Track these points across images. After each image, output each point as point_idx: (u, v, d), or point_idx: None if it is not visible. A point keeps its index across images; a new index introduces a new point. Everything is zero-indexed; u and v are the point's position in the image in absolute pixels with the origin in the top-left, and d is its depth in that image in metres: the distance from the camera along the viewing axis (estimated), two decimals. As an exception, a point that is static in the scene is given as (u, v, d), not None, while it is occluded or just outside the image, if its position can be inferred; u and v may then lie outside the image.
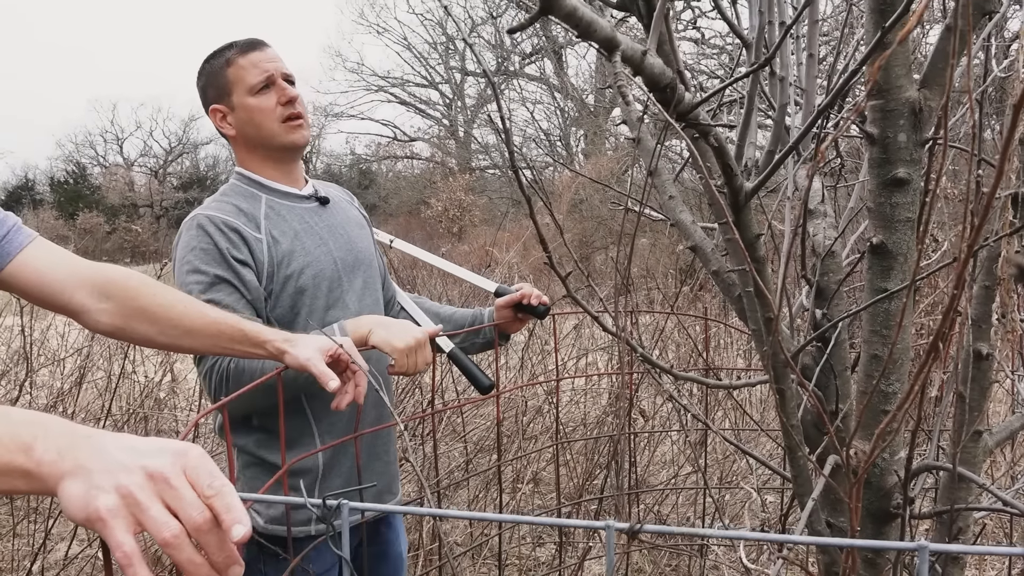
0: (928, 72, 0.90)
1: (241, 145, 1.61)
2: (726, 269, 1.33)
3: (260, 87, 1.55)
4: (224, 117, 1.59)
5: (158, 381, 4.43)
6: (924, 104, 0.89)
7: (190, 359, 4.88)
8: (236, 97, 1.56)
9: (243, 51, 1.57)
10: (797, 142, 0.82)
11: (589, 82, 25.40)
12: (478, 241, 13.39)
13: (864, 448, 1.01)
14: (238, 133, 1.59)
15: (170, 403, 4.61)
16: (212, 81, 1.59)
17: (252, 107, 1.55)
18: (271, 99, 1.55)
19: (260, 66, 1.55)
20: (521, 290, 1.78)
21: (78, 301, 1.22)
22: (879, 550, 1.04)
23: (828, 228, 1.28)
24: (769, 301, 0.94)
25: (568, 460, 3.42)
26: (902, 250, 0.95)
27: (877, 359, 0.98)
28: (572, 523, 0.58)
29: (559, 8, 0.57)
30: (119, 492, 0.62)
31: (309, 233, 1.57)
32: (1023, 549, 0.46)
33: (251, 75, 1.55)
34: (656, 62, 0.71)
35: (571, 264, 1.14)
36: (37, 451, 0.65)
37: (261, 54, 1.57)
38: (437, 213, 16.87)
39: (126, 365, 4.28)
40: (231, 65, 1.56)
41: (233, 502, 0.62)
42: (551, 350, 4.26)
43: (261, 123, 1.55)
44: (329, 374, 1.26)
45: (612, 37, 0.65)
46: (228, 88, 1.57)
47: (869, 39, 0.89)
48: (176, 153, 33.28)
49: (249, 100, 1.55)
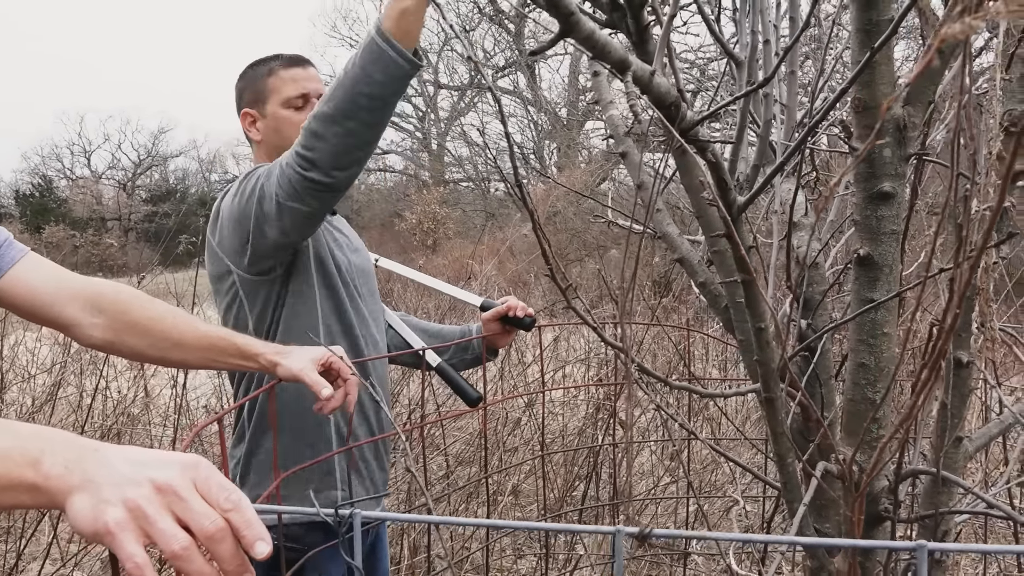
0: (912, 89, 0.93)
1: (264, 151, 1.64)
2: (713, 281, 1.36)
3: (294, 102, 1.59)
4: (254, 122, 1.63)
5: (132, 397, 4.38)
6: (908, 120, 0.93)
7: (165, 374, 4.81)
8: (270, 106, 1.60)
9: (287, 64, 1.62)
10: (787, 158, 0.84)
11: (562, 96, 25.58)
12: (453, 254, 13.39)
13: (850, 455, 1.03)
14: (264, 139, 1.63)
15: (144, 419, 4.56)
16: (251, 86, 1.63)
17: (282, 118, 1.59)
18: (303, 115, 1.58)
19: (299, 82, 1.60)
20: (507, 303, 1.80)
21: (69, 315, 1.22)
22: (868, 554, 1.07)
23: (812, 240, 1.31)
24: (762, 311, 0.97)
25: (548, 472, 3.43)
26: (887, 261, 0.98)
27: (864, 367, 1.01)
28: (582, 528, 0.59)
29: (578, 31, 0.59)
30: (127, 505, 0.62)
31: (326, 231, 1.61)
32: (1013, 548, 0.48)
33: (289, 88, 1.59)
34: (663, 82, 0.74)
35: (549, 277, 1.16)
36: (45, 465, 0.65)
37: (303, 71, 1.62)
38: (411, 226, 16.85)
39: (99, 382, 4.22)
40: (272, 75, 1.61)
41: (253, 517, 0.63)
42: (529, 362, 4.28)
43: (288, 135, 1.57)
44: (322, 382, 1.26)
45: (624, 59, 0.67)
46: (264, 96, 1.61)
47: (855, 58, 0.92)
48: (145, 166, 32.91)
49: (281, 111, 1.60)
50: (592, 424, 3.37)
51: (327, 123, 1.29)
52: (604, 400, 3.38)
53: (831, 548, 1.14)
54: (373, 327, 1.64)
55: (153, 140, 33.34)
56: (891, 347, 1.01)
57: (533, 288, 8.63)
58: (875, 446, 1.02)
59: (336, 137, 1.29)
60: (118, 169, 32.75)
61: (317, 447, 1.51)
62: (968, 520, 1.57)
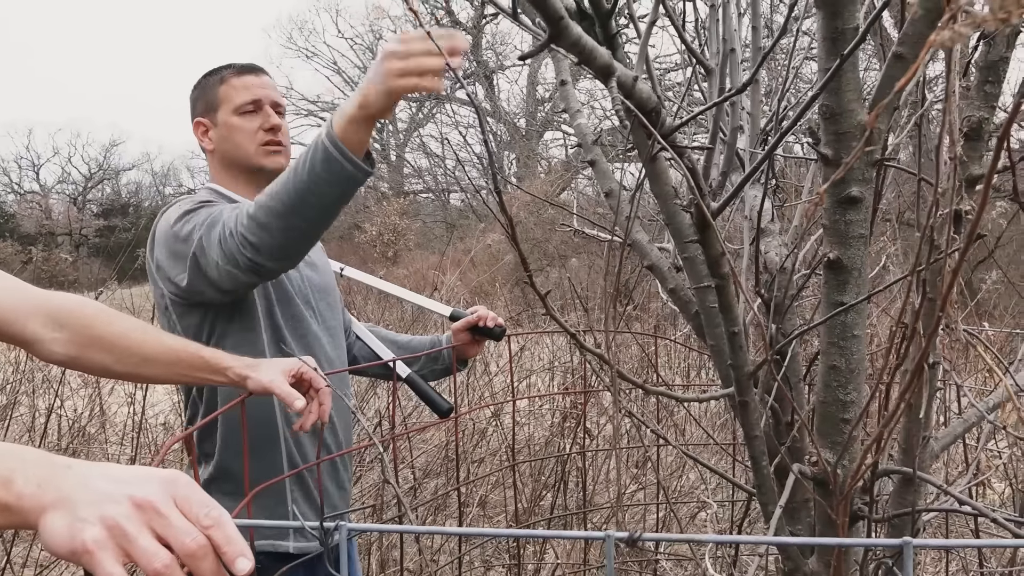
0: (876, 96, 0.95)
1: (217, 161, 1.61)
2: (683, 287, 1.37)
3: (246, 108, 1.57)
4: (206, 131, 1.60)
5: (87, 416, 4.27)
6: (874, 127, 0.95)
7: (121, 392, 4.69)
8: (221, 114, 1.58)
9: (238, 72, 1.60)
10: (760, 164, 0.86)
11: (520, 106, 25.70)
12: (413, 265, 13.33)
13: (827, 457, 1.05)
14: (216, 148, 1.60)
15: (100, 438, 4.45)
16: (203, 95, 1.61)
17: (234, 126, 1.57)
18: (255, 122, 1.57)
19: (251, 89, 1.58)
20: (476, 313, 1.79)
21: (30, 331, 1.18)
22: (843, 553, 1.08)
23: (779, 246, 1.33)
24: (735, 315, 0.98)
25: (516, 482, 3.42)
26: (856, 265, 1.00)
27: (835, 369, 1.03)
28: (573, 535, 0.60)
29: (565, 37, 0.60)
30: (105, 523, 0.60)
31: None
32: (1006, 541, 0.49)
33: (240, 95, 1.57)
34: (645, 87, 0.74)
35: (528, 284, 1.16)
36: (17, 484, 0.63)
37: (255, 78, 1.60)
38: (371, 238, 16.74)
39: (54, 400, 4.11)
40: (224, 83, 1.59)
41: (234, 533, 0.61)
42: (495, 372, 4.27)
43: (240, 143, 1.56)
44: (294, 394, 1.25)
45: (609, 64, 0.67)
46: (216, 104, 1.58)
47: (822, 65, 0.94)
48: (96, 179, 32.16)
49: (233, 119, 1.57)
50: (559, 433, 3.37)
51: (272, 216, 1.27)
52: (571, 409, 3.38)
53: (805, 549, 1.15)
54: (328, 345, 1.59)
55: (104, 153, 32.61)
56: (861, 349, 1.03)
57: (496, 299, 8.63)
58: (848, 447, 1.03)
59: (280, 232, 1.28)
60: (68, 183, 32.01)
61: (271, 466, 1.48)
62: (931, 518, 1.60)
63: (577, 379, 3.96)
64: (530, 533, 0.60)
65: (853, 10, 0.92)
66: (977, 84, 1.15)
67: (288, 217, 1.26)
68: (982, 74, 1.14)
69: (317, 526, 0.62)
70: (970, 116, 1.14)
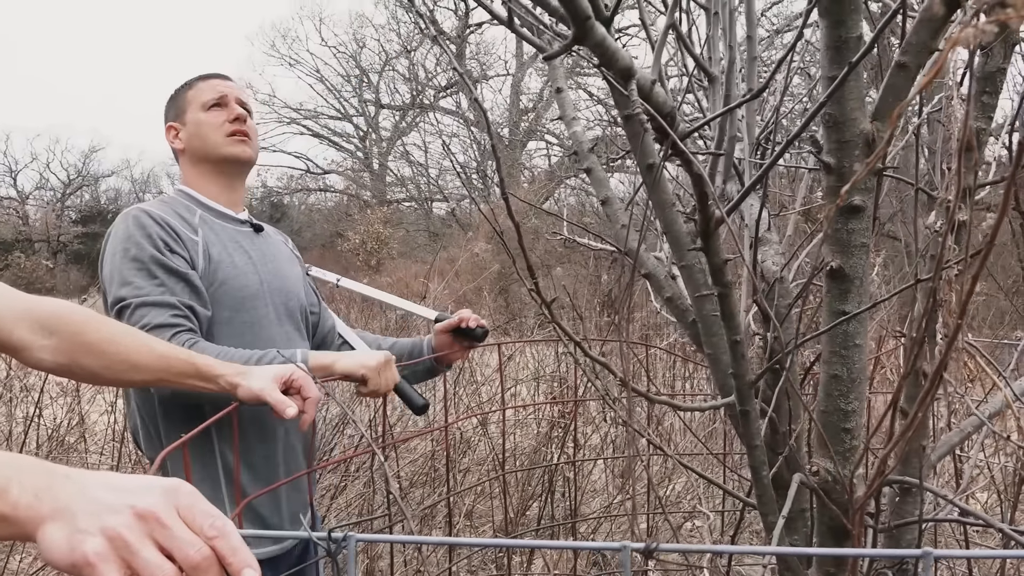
0: (879, 105, 0.95)
1: (188, 160, 1.66)
2: (680, 296, 1.37)
3: (212, 104, 1.63)
4: (177, 134, 1.67)
5: (67, 425, 4.20)
6: (877, 135, 0.95)
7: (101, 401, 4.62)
8: (190, 114, 1.65)
9: (205, 78, 1.69)
10: (764, 173, 0.85)
11: (504, 116, 25.74)
12: (396, 273, 13.28)
13: (826, 466, 1.04)
14: (186, 147, 1.65)
15: (79, 448, 4.38)
16: (172, 103, 1.70)
17: (201, 121, 1.63)
18: (221, 116, 1.63)
19: (216, 88, 1.66)
20: (459, 315, 1.82)
21: (18, 337, 1.16)
22: (840, 565, 1.08)
23: (776, 255, 1.33)
24: (738, 324, 0.97)
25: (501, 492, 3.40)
26: (858, 273, 0.99)
27: (837, 379, 1.03)
28: (587, 545, 0.58)
29: (591, 37, 0.59)
30: (106, 534, 0.58)
31: (239, 250, 1.59)
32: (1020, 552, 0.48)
33: (205, 94, 1.65)
34: (661, 91, 0.74)
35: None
36: (13, 494, 0.61)
37: (220, 81, 1.68)
38: (354, 246, 16.67)
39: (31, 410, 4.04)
40: (191, 88, 1.68)
41: (239, 544, 0.60)
42: (482, 381, 4.25)
43: (207, 135, 1.62)
44: (286, 402, 1.23)
45: (630, 67, 0.67)
46: (185, 107, 1.66)
47: (826, 74, 0.94)
48: (75, 186, 31.81)
49: (200, 115, 1.64)
50: (547, 442, 3.36)
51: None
52: (558, 419, 3.37)
53: (803, 559, 1.15)
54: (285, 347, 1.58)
55: (84, 159, 32.32)
56: (862, 358, 1.03)
57: (480, 308, 8.61)
58: (849, 457, 1.03)
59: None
60: (46, 189, 31.62)
61: (211, 472, 1.47)
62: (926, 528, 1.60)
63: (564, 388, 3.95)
64: (546, 544, 0.59)
65: (857, 19, 0.92)
66: (975, 95, 1.15)
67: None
68: (979, 84, 1.14)
69: (325, 536, 0.61)
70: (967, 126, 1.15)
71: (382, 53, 28.59)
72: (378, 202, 24.01)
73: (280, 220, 27.53)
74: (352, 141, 30.21)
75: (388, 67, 28.48)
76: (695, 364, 4.54)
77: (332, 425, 3.62)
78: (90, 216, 29.31)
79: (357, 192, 28.86)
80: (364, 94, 29.55)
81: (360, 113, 29.69)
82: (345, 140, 30.16)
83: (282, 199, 30.33)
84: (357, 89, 29.49)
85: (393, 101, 29.28)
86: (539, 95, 25.33)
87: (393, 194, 28.34)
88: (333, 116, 29.75)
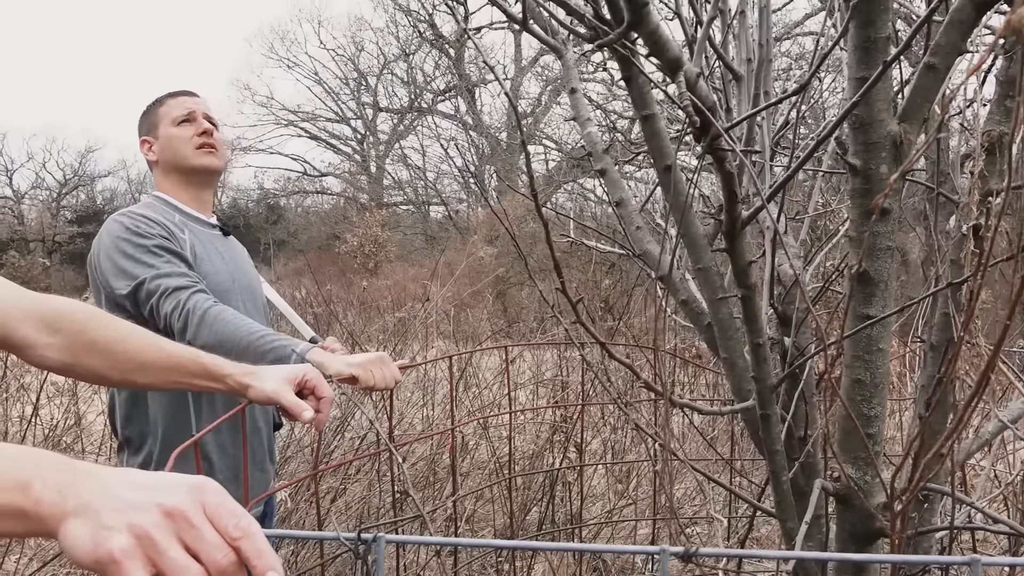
0: (907, 107, 0.94)
1: (160, 170, 1.82)
2: (696, 299, 1.35)
3: (181, 119, 1.79)
4: (151, 147, 1.82)
5: (64, 425, 4.17)
6: (904, 137, 0.94)
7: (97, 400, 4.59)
8: (161, 128, 1.80)
9: (174, 95, 1.85)
10: (791, 175, 0.84)
11: (502, 120, 25.75)
12: (394, 276, 13.26)
13: (847, 472, 1.03)
14: (159, 158, 1.81)
15: (76, 448, 4.34)
16: (145, 119, 1.85)
17: (172, 135, 1.79)
18: (189, 130, 1.79)
19: (185, 104, 1.81)
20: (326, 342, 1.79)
21: (22, 335, 1.13)
22: (860, 572, 1.06)
23: (793, 258, 1.32)
24: (760, 327, 0.96)
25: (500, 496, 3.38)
26: (883, 277, 0.98)
27: (860, 383, 1.01)
28: (625, 549, 0.57)
29: (646, 25, 0.57)
30: (133, 532, 0.56)
31: (214, 251, 1.76)
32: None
33: (175, 110, 1.80)
34: (704, 84, 0.72)
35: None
36: (35, 489, 0.59)
37: (188, 98, 1.84)
38: (352, 248, 16.63)
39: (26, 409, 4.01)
40: (162, 105, 1.83)
41: (264, 546, 0.58)
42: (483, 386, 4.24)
43: (177, 148, 1.77)
44: (302, 405, 1.21)
45: (679, 57, 0.66)
46: (156, 122, 1.81)
47: (853, 74, 0.93)
48: (71, 186, 31.68)
49: (171, 129, 1.79)
50: (549, 446, 3.34)
51: (208, 336, 1.50)
52: (560, 422, 3.35)
53: (820, 565, 1.13)
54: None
55: (80, 159, 32.17)
56: (886, 363, 1.01)
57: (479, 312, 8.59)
58: (871, 462, 1.01)
59: (202, 342, 1.47)
60: (42, 189, 31.50)
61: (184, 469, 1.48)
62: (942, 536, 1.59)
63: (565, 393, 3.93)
64: (581, 547, 0.57)
65: (886, 19, 0.91)
66: (998, 99, 1.14)
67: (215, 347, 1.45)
68: (1003, 88, 1.13)
69: (354, 538, 0.59)
70: (990, 131, 1.14)
71: (380, 56, 28.58)
72: (376, 205, 23.99)
73: (277, 222, 27.50)
74: (350, 144, 30.20)
75: (386, 70, 28.47)
76: (697, 368, 4.53)
77: (331, 428, 3.60)
78: (86, 216, 29.21)
79: (354, 195, 28.82)
80: (362, 97, 29.55)
81: (358, 116, 29.68)
82: (343, 143, 30.15)
83: (279, 201, 30.30)
84: (355, 92, 29.49)
85: (391, 104, 29.28)
86: (537, 100, 25.35)
87: (390, 197, 28.32)
88: (331, 118, 29.75)
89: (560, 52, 1.44)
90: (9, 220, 28.75)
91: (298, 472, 3.55)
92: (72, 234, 27.68)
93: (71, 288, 17.94)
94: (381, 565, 0.59)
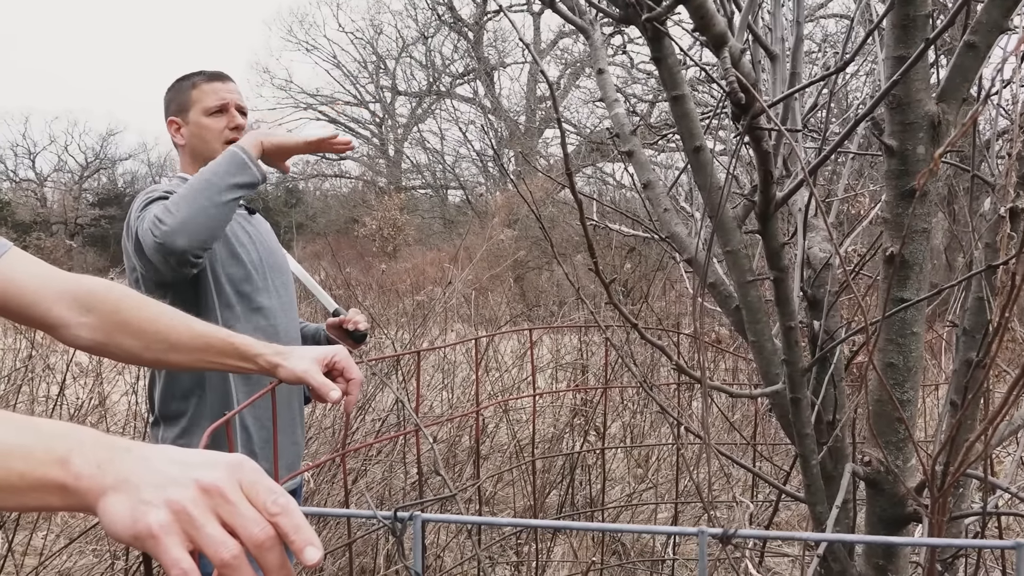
0: (946, 86, 0.92)
1: (187, 155, 1.85)
2: (724, 282, 1.34)
3: (214, 110, 1.81)
4: (179, 129, 1.85)
5: (89, 405, 4.23)
6: (942, 117, 0.92)
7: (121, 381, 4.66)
8: (192, 114, 1.82)
9: (209, 79, 1.85)
10: (827, 156, 0.83)
11: (521, 104, 25.65)
12: (413, 259, 13.29)
13: (878, 456, 1.02)
14: (187, 144, 1.84)
15: (100, 428, 4.41)
16: (176, 97, 1.86)
17: (203, 125, 1.81)
18: (221, 122, 1.81)
19: (219, 93, 1.82)
20: (348, 315, 1.94)
21: (56, 315, 1.14)
22: (891, 557, 1.06)
23: (823, 241, 1.31)
24: (792, 310, 0.95)
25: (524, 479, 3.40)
26: (918, 260, 0.97)
27: (893, 367, 1.00)
28: (663, 530, 0.57)
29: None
30: (171, 507, 0.57)
31: (239, 229, 1.79)
32: None
33: (209, 99, 1.81)
34: (746, 60, 0.72)
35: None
36: (75, 464, 0.60)
37: (222, 84, 1.84)
38: (371, 231, 16.67)
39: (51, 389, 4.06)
40: (195, 87, 1.83)
41: (302, 522, 0.58)
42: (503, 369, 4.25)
43: (208, 140, 1.81)
44: (330, 385, 1.22)
45: (724, 33, 0.65)
46: (188, 105, 1.83)
47: (890, 54, 0.91)
48: (93, 169, 31.92)
49: (203, 119, 1.82)
50: (569, 429, 3.35)
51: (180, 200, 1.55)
52: (581, 406, 3.36)
53: (848, 549, 1.13)
54: (283, 318, 1.80)
55: (101, 143, 32.38)
56: (919, 347, 1.00)
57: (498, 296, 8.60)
58: (902, 447, 1.01)
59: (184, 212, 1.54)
60: (64, 171, 31.77)
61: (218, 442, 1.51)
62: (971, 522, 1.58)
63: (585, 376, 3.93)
64: (614, 527, 0.57)
65: (926, -3, 0.89)
66: (1037, 78, 1.12)
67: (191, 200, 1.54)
68: (1043, 68, 1.11)
69: (391, 516, 0.59)
70: (1029, 111, 1.11)
71: (399, 39, 28.52)
72: (394, 188, 24.01)
73: (295, 206, 27.60)
74: (368, 127, 30.20)
75: (405, 53, 28.41)
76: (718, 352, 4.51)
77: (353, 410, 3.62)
78: (107, 199, 29.47)
79: (373, 178, 28.87)
80: (381, 80, 29.51)
81: (376, 99, 29.67)
82: (361, 126, 30.15)
83: (297, 184, 30.40)
84: (374, 75, 29.46)
85: (410, 88, 29.24)
86: (556, 83, 25.20)
87: (409, 181, 28.34)
88: (349, 102, 29.75)
89: (587, 32, 1.43)
90: (32, 202, 29.05)
91: (319, 454, 3.59)
92: (94, 216, 27.95)
93: (93, 269, 18.14)
94: (419, 543, 0.59)
